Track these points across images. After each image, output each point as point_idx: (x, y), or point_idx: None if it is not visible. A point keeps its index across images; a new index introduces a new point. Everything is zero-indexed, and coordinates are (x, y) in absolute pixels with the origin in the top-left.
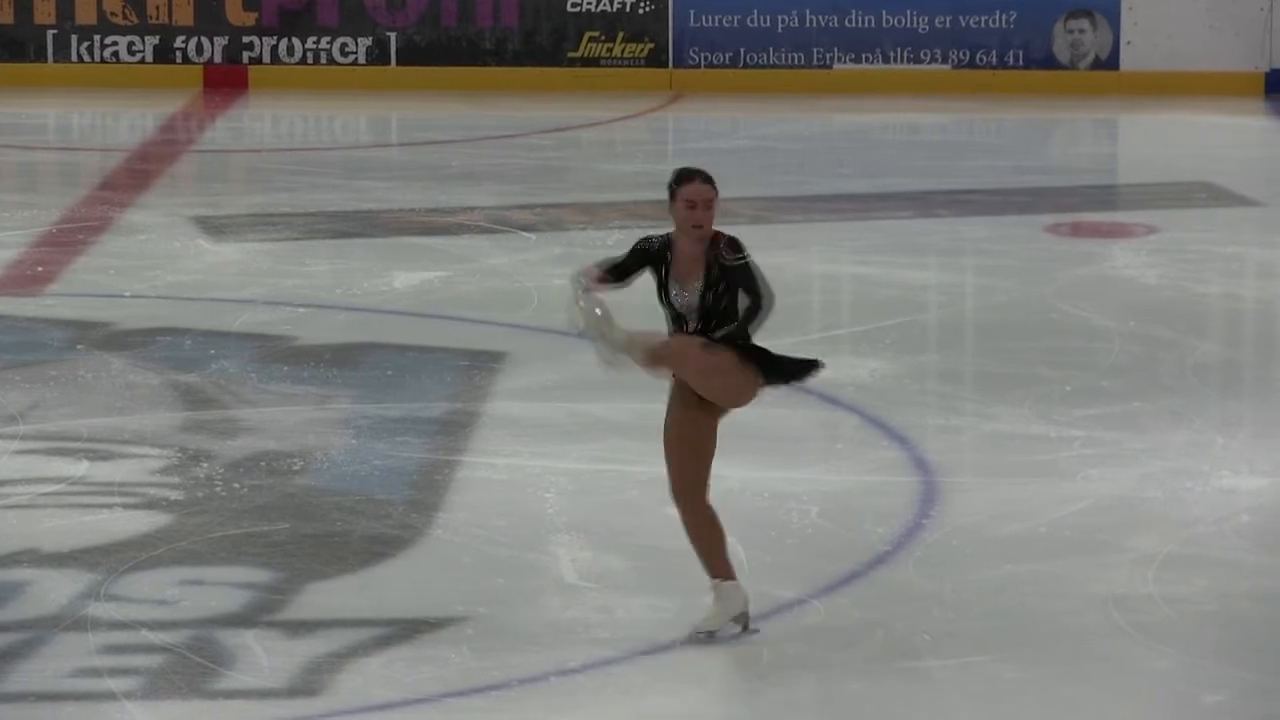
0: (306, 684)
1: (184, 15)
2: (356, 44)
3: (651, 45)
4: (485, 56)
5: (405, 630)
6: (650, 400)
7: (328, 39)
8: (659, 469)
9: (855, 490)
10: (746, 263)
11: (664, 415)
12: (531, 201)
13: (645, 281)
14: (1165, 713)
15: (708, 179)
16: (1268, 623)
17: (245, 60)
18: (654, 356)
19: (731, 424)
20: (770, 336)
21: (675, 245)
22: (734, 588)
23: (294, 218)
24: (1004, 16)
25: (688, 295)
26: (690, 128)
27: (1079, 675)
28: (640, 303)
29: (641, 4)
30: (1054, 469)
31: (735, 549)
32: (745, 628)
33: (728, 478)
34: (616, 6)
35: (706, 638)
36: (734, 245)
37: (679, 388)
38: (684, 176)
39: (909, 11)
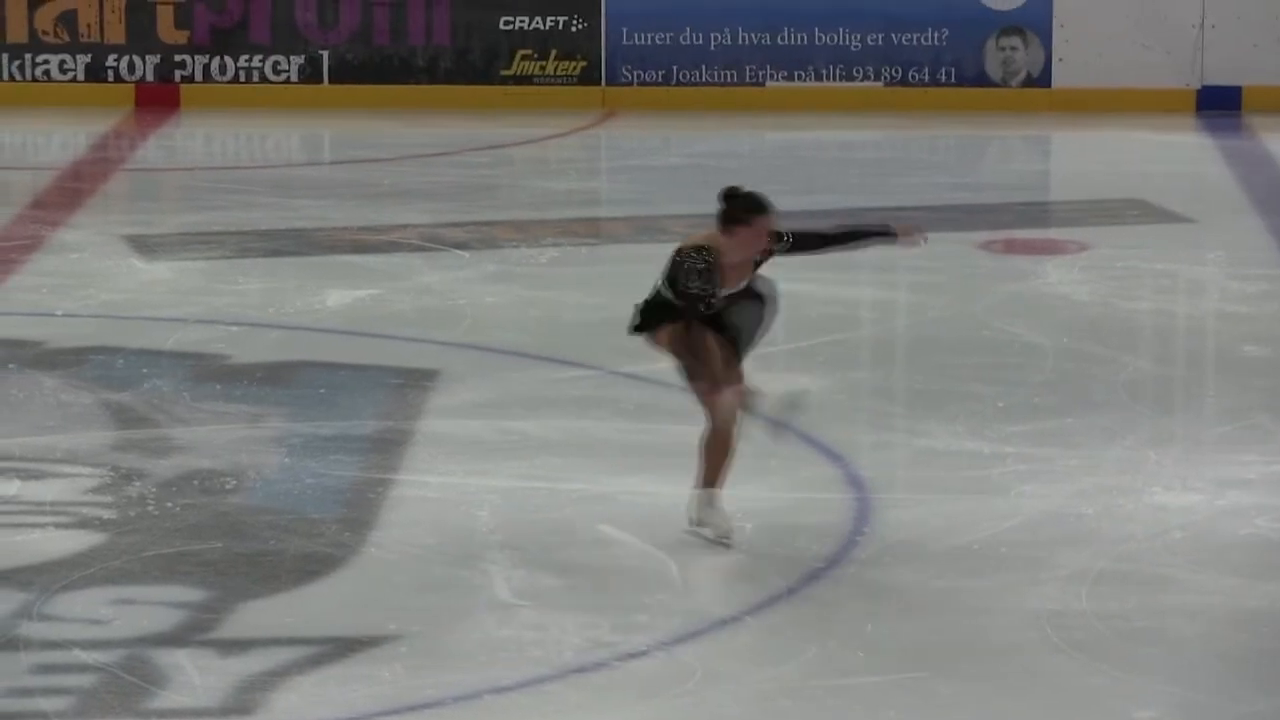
0: (240, 703)
1: (115, 34)
2: (289, 62)
3: (584, 63)
4: (418, 74)
5: (339, 648)
6: (582, 418)
7: (260, 57)
8: (592, 486)
9: (789, 507)
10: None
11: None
12: (465, 219)
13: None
14: None
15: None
16: (1200, 639)
17: (177, 79)
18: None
19: (664, 440)
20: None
21: (721, 256)
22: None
23: (226, 236)
24: (936, 34)
25: (729, 290)
26: (623, 145)
27: (1012, 691)
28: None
29: (574, 22)
30: (987, 485)
31: (668, 565)
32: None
33: (661, 494)
34: (549, 25)
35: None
36: (777, 236)
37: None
38: (760, 208)
39: (841, 29)
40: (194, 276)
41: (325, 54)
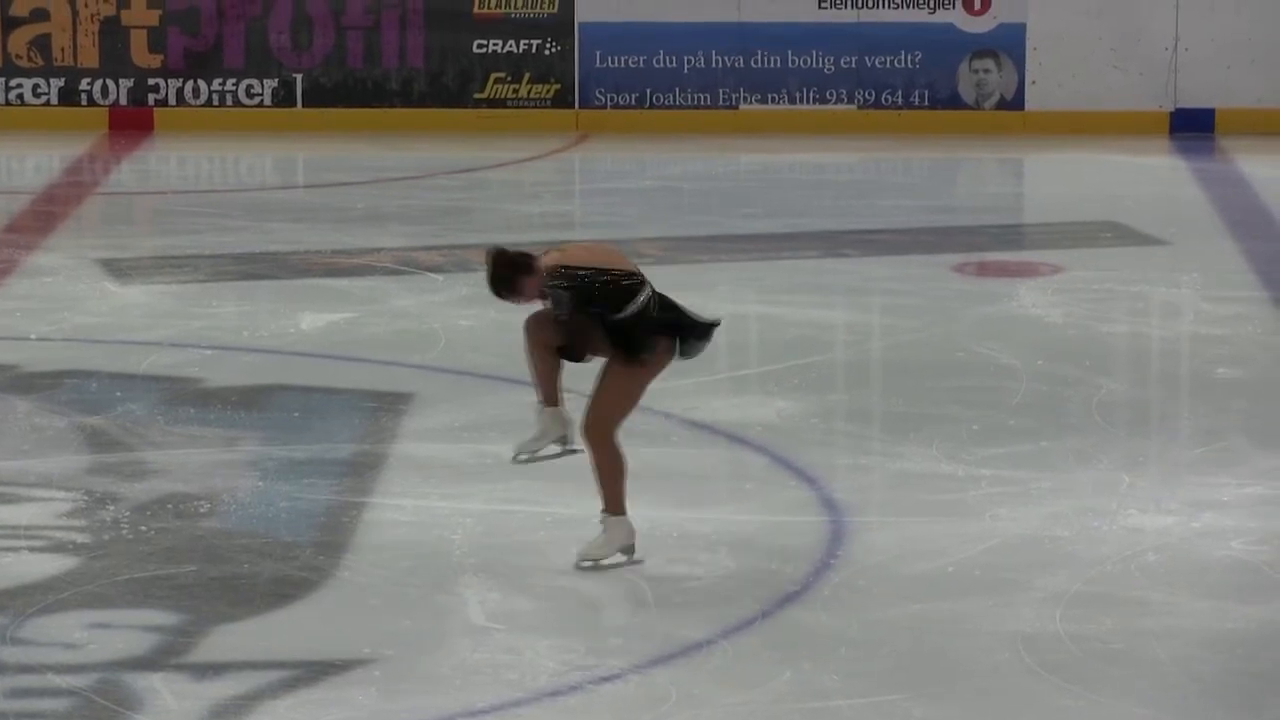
0: None
1: (89, 57)
2: (262, 86)
3: (558, 86)
4: (391, 98)
5: (313, 672)
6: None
7: (233, 81)
8: (565, 510)
9: (763, 530)
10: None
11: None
12: (439, 243)
13: None
14: None
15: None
16: (1174, 661)
17: (151, 102)
18: None
19: (638, 464)
20: (680, 376)
21: None
22: (622, 522)
23: (200, 260)
24: (909, 57)
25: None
26: (597, 168)
27: (987, 714)
28: None
29: (547, 45)
30: (961, 508)
31: (642, 588)
32: (629, 558)
33: (634, 518)
34: (522, 48)
35: (591, 566)
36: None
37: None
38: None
39: (814, 52)
40: (168, 300)
41: (299, 77)
